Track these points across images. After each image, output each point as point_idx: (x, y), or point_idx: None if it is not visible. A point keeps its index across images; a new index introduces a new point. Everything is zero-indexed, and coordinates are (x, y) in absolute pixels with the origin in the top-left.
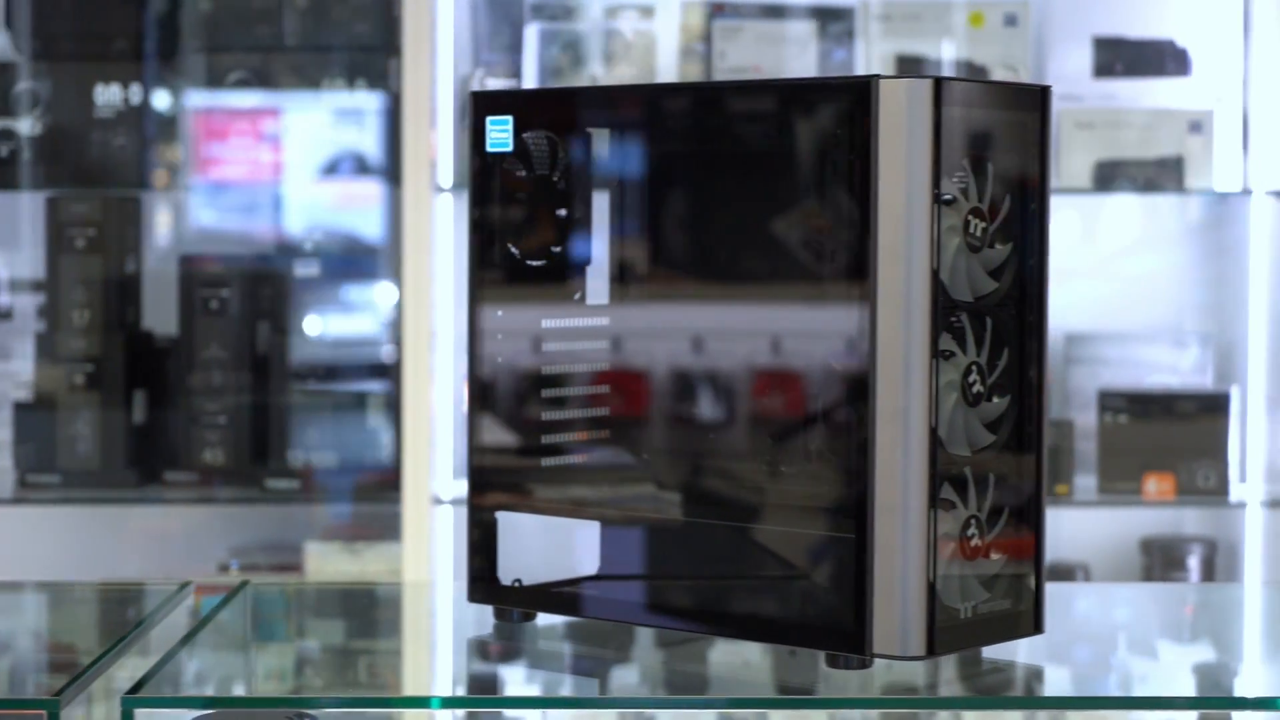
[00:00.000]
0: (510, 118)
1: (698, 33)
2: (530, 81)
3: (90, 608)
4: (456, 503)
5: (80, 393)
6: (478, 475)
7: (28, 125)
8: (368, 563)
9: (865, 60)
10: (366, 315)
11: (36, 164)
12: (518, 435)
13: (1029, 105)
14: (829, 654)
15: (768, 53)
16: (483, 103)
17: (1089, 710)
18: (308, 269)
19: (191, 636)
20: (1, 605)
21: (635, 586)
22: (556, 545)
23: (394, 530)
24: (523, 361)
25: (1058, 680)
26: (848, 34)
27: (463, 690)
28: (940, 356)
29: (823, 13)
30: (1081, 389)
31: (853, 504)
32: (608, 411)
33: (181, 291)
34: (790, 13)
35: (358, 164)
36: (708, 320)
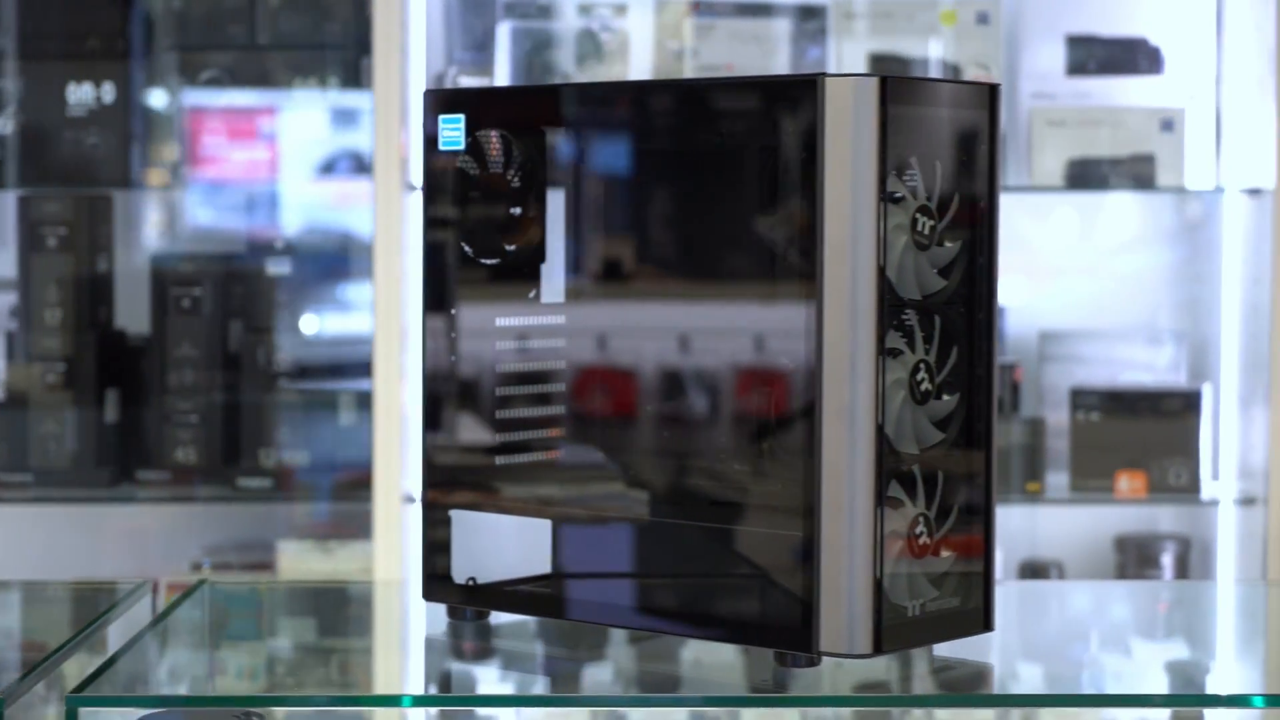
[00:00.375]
0: (462, 116)
1: (672, 31)
2: (503, 80)
3: (50, 606)
4: None
5: (53, 392)
6: (431, 474)
7: (1, 124)
8: (340, 561)
9: (837, 58)
10: (355, 314)
11: (10, 163)
12: (471, 434)
13: (978, 103)
14: (777, 652)
15: (742, 51)
16: (435, 101)
17: (1062, 708)
18: (280, 267)
19: (141, 636)
20: None
21: (587, 585)
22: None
23: (369, 529)
24: (476, 360)
25: (1031, 678)
26: (822, 32)
27: (409, 689)
28: (887, 354)
29: (798, 11)
30: (1056, 387)
31: (800, 502)
32: (561, 410)
33: (153, 290)
34: (765, 11)
35: (355, 163)
36: (658, 319)
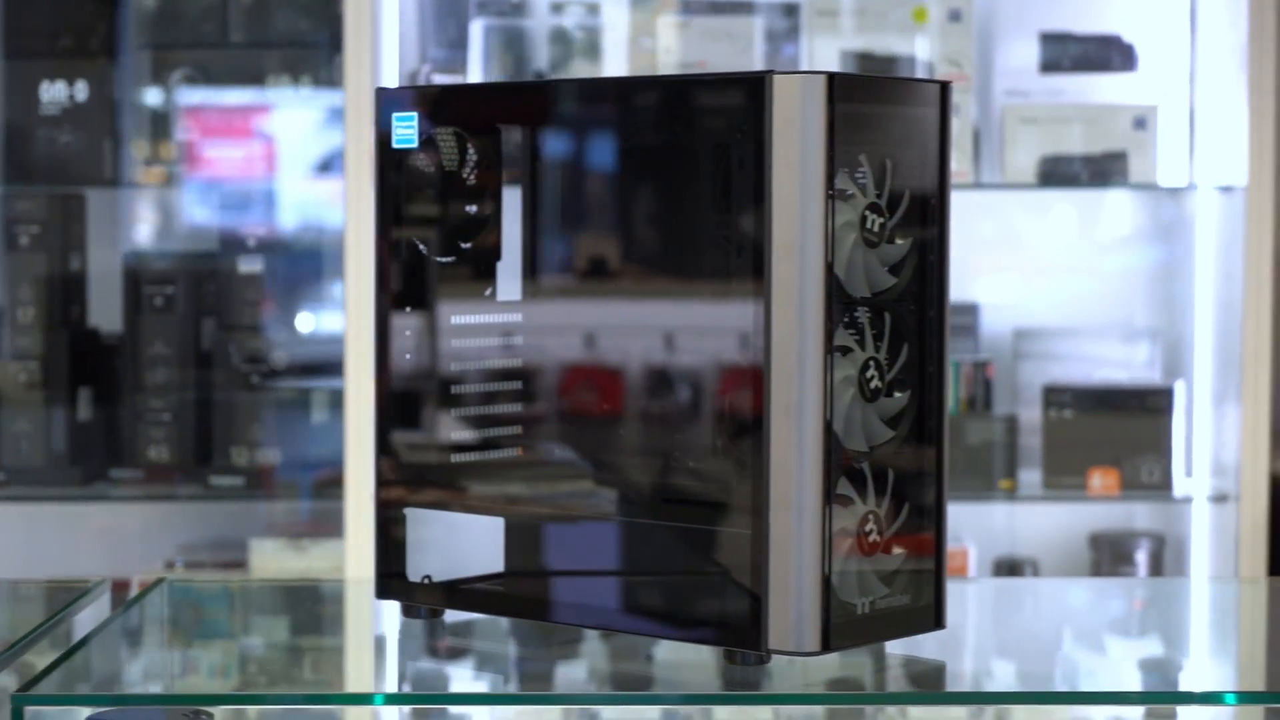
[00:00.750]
0: (415, 114)
1: (647, 28)
2: (476, 78)
3: (8, 604)
4: None
5: (26, 390)
6: (385, 472)
7: None
8: (313, 559)
9: (809, 56)
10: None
11: None
12: (425, 432)
13: (929, 101)
14: (726, 650)
15: (716, 48)
16: (387, 99)
17: (1036, 705)
18: (251, 265)
19: (94, 635)
20: None
21: (539, 583)
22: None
23: (342, 527)
24: (431, 358)
25: (1005, 675)
26: (798, 29)
27: (367, 687)
28: (836, 352)
29: (773, 8)
30: (1030, 384)
31: (748, 500)
32: (514, 408)
33: (126, 288)
34: (741, 8)
35: None
36: (611, 316)
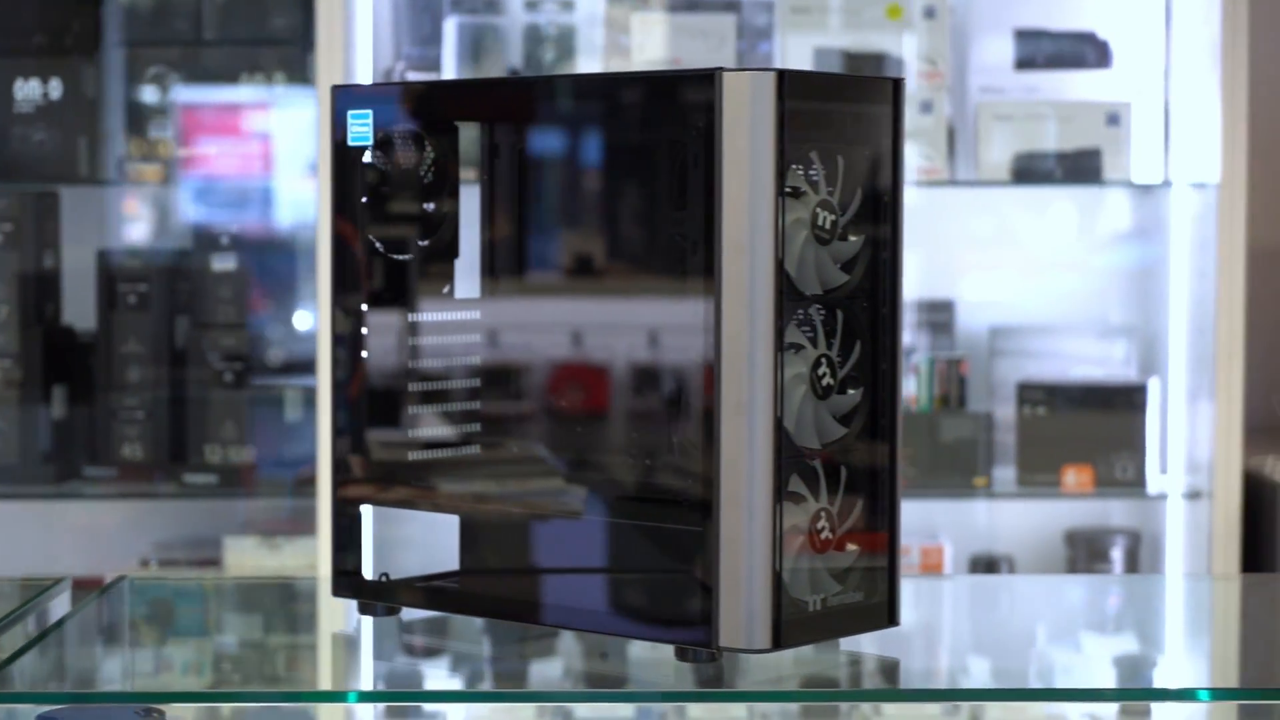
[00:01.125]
0: (370, 111)
1: (621, 25)
2: (450, 75)
3: None
4: None
5: (0, 388)
6: (340, 469)
7: None
8: (287, 557)
9: (781, 53)
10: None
11: None
12: (381, 429)
13: (881, 98)
14: (677, 647)
15: (690, 45)
16: (342, 96)
17: (1011, 702)
18: (225, 263)
19: (48, 633)
20: None
21: (493, 581)
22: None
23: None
24: (387, 356)
25: (979, 672)
26: (770, 27)
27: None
28: (788, 349)
29: (750, 5)
30: (1006, 382)
31: (699, 497)
32: (470, 406)
33: (100, 286)
34: (715, 5)
35: None
36: (566, 314)
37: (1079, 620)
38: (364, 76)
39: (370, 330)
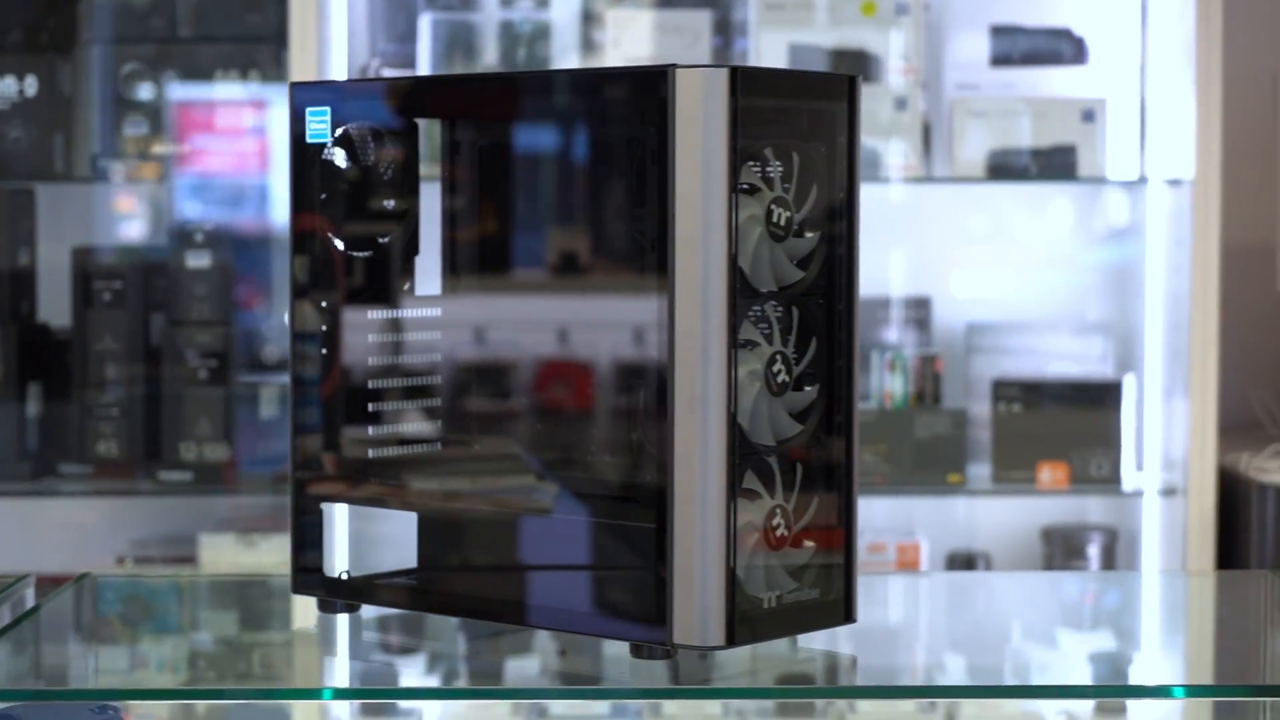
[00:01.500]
0: (328, 108)
1: (596, 22)
2: (424, 72)
3: None
4: None
5: None
6: (301, 467)
7: None
8: (263, 554)
9: (755, 50)
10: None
11: None
12: (341, 427)
13: (836, 94)
14: (632, 644)
15: (665, 42)
16: (300, 93)
17: (986, 699)
18: (200, 260)
19: (7, 630)
20: None
21: (451, 578)
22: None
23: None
24: (346, 353)
25: (955, 669)
26: (746, 23)
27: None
28: (742, 346)
29: (725, 2)
30: (983, 378)
31: (654, 494)
32: (430, 403)
33: (74, 283)
34: (690, 1)
35: None
36: (524, 312)
37: (1055, 617)
38: (339, 73)
39: (330, 328)
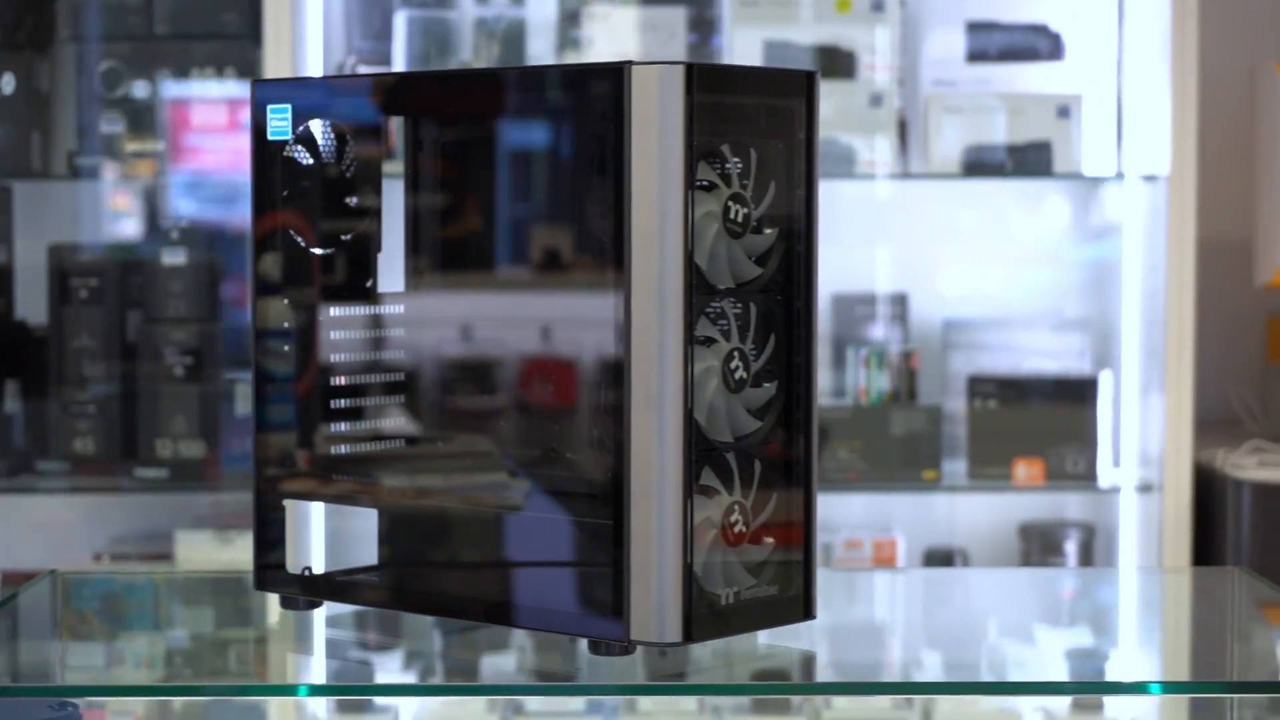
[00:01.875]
0: (289, 106)
1: (571, 19)
2: (400, 69)
3: None
4: None
5: None
6: (263, 464)
7: None
8: (239, 551)
9: (730, 46)
10: None
11: None
12: (303, 424)
13: (794, 91)
14: (591, 640)
15: (641, 39)
16: (262, 91)
17: (963, 695)
18: (175, 257)
19: None
20: None
21: (411, 575)
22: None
23: None
24: (305, 351)
25: (932, 666)
26: (722, 19)
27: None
28: (700, 342)
29: None
30: (961, 375)
31: (611, 491)
32: (391, 400)
33: (51, 281)
34: None
35: None
36: (481, 308)
37: (1032, 614)
38: (314, 70)
39: (292, 325)
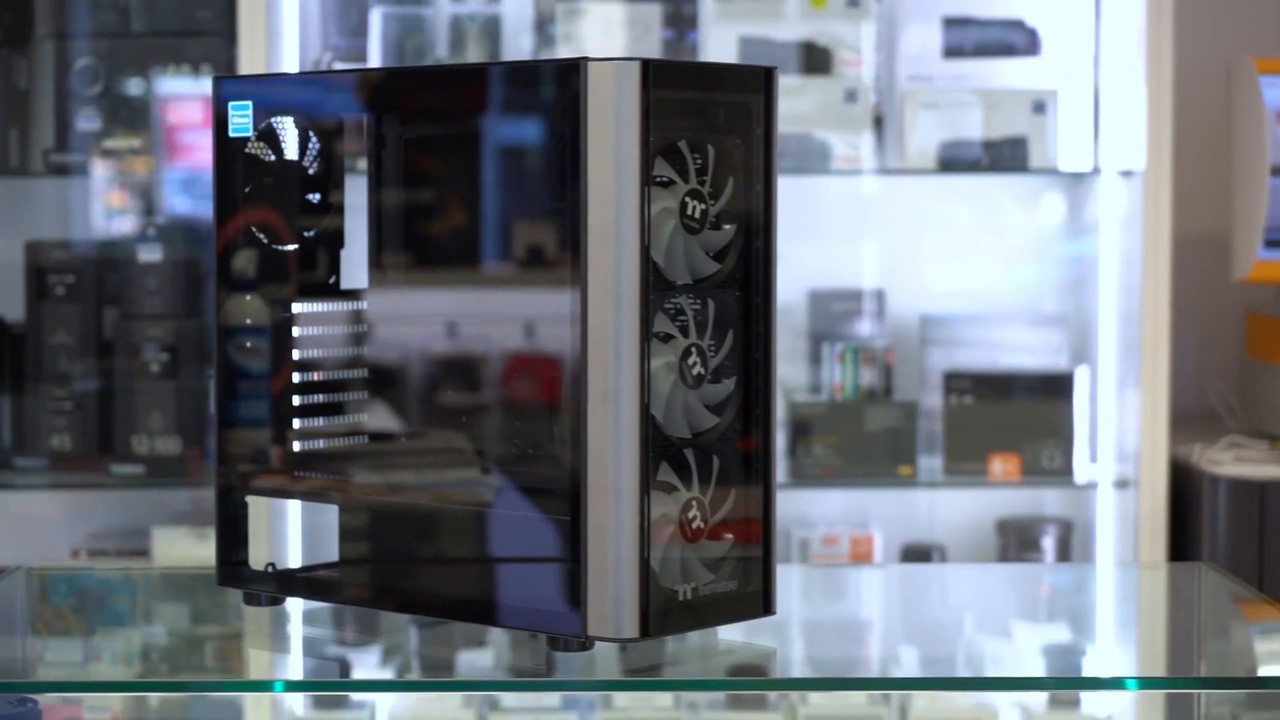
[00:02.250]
0: (250, 103)
1: (546, 15)
2: (375, 65)
3: None
4: None
5: None
6: (225, 460)
7: None
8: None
9: (705, 43)
10: None
11: None
12: (266, 420)
13: (752, 87)
14: (549, 636)
15: (618, 35)
16: (223, 88)
17: (939, 691)
18: (151, 254)
19: None
20: None
21: (370, 571)
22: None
23: None
24: (267, 347)
25: (909, 661)
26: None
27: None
28: (656, 338)
29: None
30: (938, 371)
31: (568, 487)
32: (353, 397)
33: (28, 277)
34: None
35: None
36: (447, 305)
37: (1009, 609)
38: (290, 67)
39: (254, 322)
